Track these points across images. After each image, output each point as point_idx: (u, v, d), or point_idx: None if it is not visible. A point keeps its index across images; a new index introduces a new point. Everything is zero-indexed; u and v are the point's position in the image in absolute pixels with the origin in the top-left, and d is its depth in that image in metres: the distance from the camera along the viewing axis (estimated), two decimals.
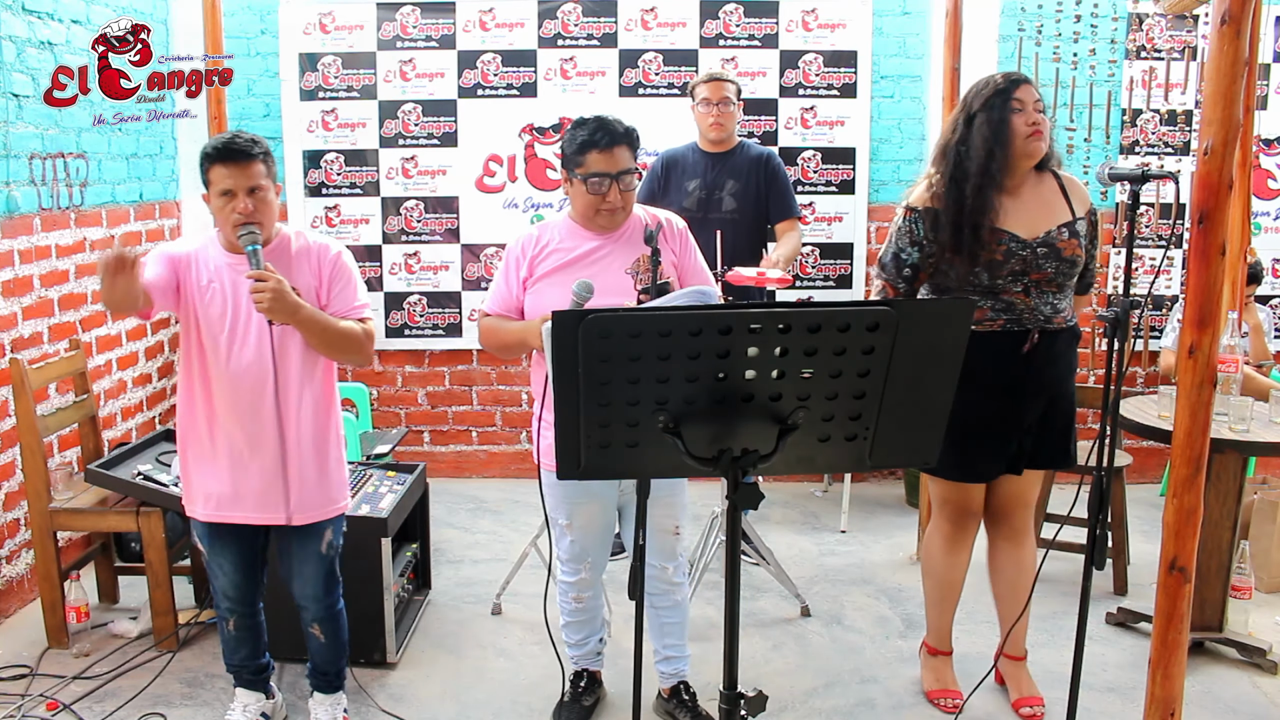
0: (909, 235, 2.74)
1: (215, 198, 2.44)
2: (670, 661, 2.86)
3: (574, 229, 2.63)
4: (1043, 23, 4.72)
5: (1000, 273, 2.66)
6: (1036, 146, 2.63)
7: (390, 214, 4.95)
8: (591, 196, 2.55)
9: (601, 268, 2.57)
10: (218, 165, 2.41)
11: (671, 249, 2.65)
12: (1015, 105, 2.62)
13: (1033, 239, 2.65)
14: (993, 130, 2.62)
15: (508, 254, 2.68)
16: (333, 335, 2.49)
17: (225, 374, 2.50)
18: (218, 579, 2.68)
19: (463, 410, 5.13)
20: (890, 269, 2.79)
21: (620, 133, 2.55)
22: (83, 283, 3.97)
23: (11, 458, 3.51)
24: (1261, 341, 4.27)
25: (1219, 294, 2.22)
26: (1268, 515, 3.78)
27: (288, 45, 4.83)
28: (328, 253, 2.57)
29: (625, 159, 2.55)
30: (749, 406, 1.58)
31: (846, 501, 4.49)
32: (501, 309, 2.66)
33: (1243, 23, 2.12)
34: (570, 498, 2.67)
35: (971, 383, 2.71)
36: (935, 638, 3.05)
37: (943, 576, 2.96)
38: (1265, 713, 2.96)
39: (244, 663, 2.78)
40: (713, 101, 3.87)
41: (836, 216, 4.97)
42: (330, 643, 2.75)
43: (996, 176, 2.63)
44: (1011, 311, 2.68)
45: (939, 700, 2.98)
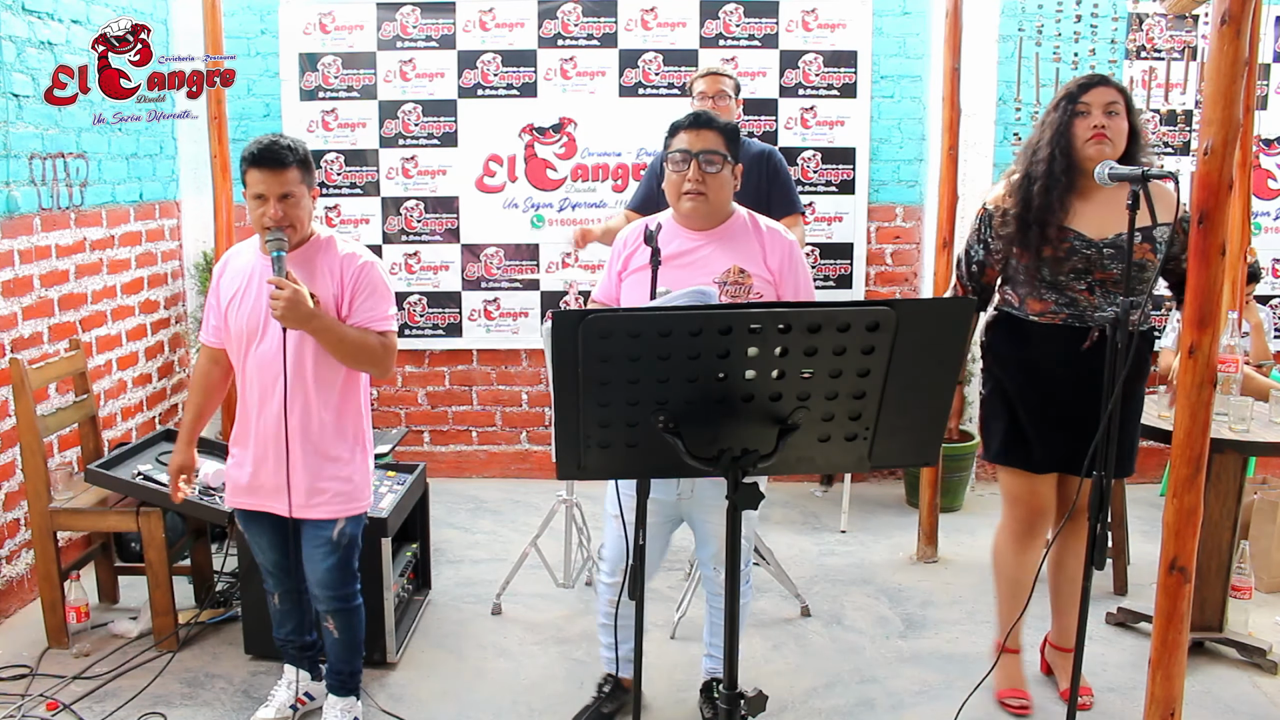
0: (977, 234, 2.84)
1: (249, 200, 2.49)
2: (713, 659, 2.89)
3: (675, 227, 2.61)
4: (1043, 23, 4.72)
5: (1062, 269, 2.68)
6: (1098, 150, 2.63)
7: (390, 214, 4.95)
8: (674, 175, 2.54)
9: (691, 271, 2.51)
10: (253, 169, 2.46)
11: (769, 264, 2.56)
12: (1080, 109, 2.66)
13: (1100, 239, 2.66)
14: (1056, 133, 2.68)
15: (613, 246, 2.72)
16: (348, 346, 2.52)
17: (247, 368, 2.59)
18: (258, 556, 2.78)
19: (463, 410, 5.13)
20: (961, 265, 2.91)
21: (710, 117, 2.56)
22: (83, 283, 3.97)
23: (11, 458, 3.51)
24: (1262, 341, 4.26)
25: (1219, 294, 2.22)
26: (1268, 515, 3.78)
27: (288, 45, 4.83)
28: (354, 262, 2.58)
29: (712, 141, 2.52)
30: (749, 406, 1.58)
31: (846, 501, 4.49)
32: (603, 298, 2.72)
33: (1243, 23, 2.12)
34: (626, 489, 2.63)
35: (1031, 373, 2.77)
36: (1009, 639, 2.97)
37: (1012, 575, 2.94)
38: (1265, 713, 2.96)
39: (290, 637, 2.84)
40: (708, 95, 3.86)
41: (836, 216, 4.97)
42: (344, 638, 2.76)
43: (1060, 178, 2.65)
44: (1074, 308, 2.71)
45: (1008, 700, 2.94)
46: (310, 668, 2.89)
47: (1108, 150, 2.63)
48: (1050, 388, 2.74)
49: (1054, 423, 2.76)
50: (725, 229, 2.59)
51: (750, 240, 2.59)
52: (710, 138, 2.53)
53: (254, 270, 2.56)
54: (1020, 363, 2.81)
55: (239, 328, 2.57)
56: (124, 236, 4.30)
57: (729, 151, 2.55)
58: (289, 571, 2.75)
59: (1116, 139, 2.66)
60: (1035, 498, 2.87)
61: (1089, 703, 2.91)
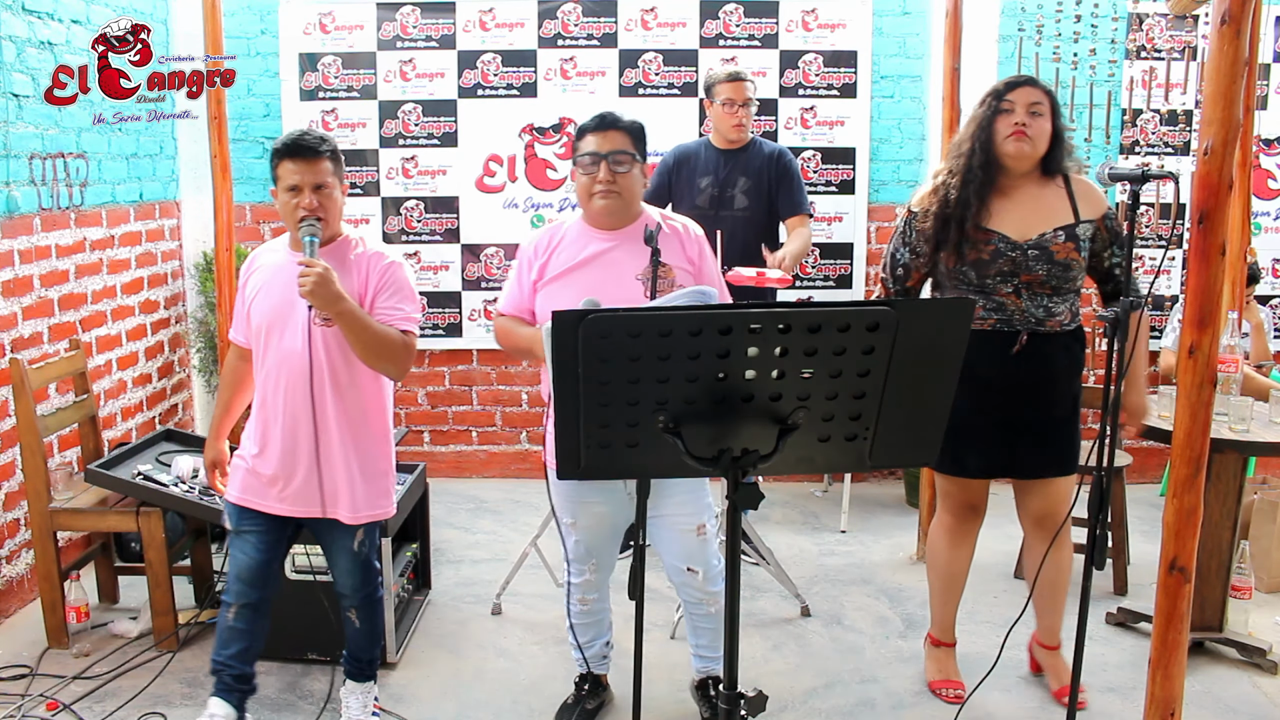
0: (902, 235, 2.85)
1: (282, 193, 2.49)
2: (703, 660, 2.89)
3: (584, 229, 2.63)
4: (1043, 23, 4.72)
5: (988, 271, 2.69)
6: (1016, 147, 2.66)
7: (390, 214, 4.95)
8: (585, 177, 2.56)
9: (611, 273, 2.54)
10: (286, 161, 2.47)
11: (689, 256, 2.62)
12: (1005, 106, 2.68)
13: (1024, 240, 2.68)
14: (978, 128, 2.70)
15: (520, 254, 2.69)
16: (370, 336, 2.47)
17: (268, 365, 2.57)
18: (235, 559, 2.65)
19: (463, 410, 5.13)
20: (886, 268, 2.90)
21: (615, 118, 2.57)
22: (83, 283, 3.97)
23: (11, 458, 3.51)
24: (1262, 341, 4.27)
25: (1219, 294, 2.22)
26: (1268, 515, 3.78)
27: (288, 45, 4.83)
28: (380, 260, 2.58)
29: (619, 141, 2.55)
30: (749, 406, 1.58)
31: (846, 501, 4.49)
32: (514, 310, 2.68)
33: (1243, 23, 2.12)
34: (575, 498, 2.66)
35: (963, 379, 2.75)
36: (939, 629, 3.08)
37: (945, 568, 3.00)
38: (1265, 713, 2.96)
39: (230, 661, 2.64)
40: (737, 103, 3.88)
41: (836, 216, 4.97)
42: (366, 628, 2.78)
43: (978, 173, 2.67)
44: (1002, 312, 2.71)
45: (941, 690, 3.00)
46: (238, 705, 2.66)
47: (1026, 149, 2.66)
48: (983, 394, 2.72)
49: (989, 428, 2.77)
50: (636, 227, 2.61)
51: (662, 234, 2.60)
52: (617, 138, 2.55)
53: (282, 266, 2.54)
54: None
55: (260, 321, 2.56)
56: (124, 236, 4.30)
57: (636, 150, 2.57)
58: (264, 581, 2.65)
59: (1038, 139, 2.67)
60: (967, 494, 2.90)
61: (1084, 701, 2.91)
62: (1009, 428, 2.77)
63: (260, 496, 2.62)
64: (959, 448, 2.77)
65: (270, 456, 2.59)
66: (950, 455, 2.80)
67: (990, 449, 2.80)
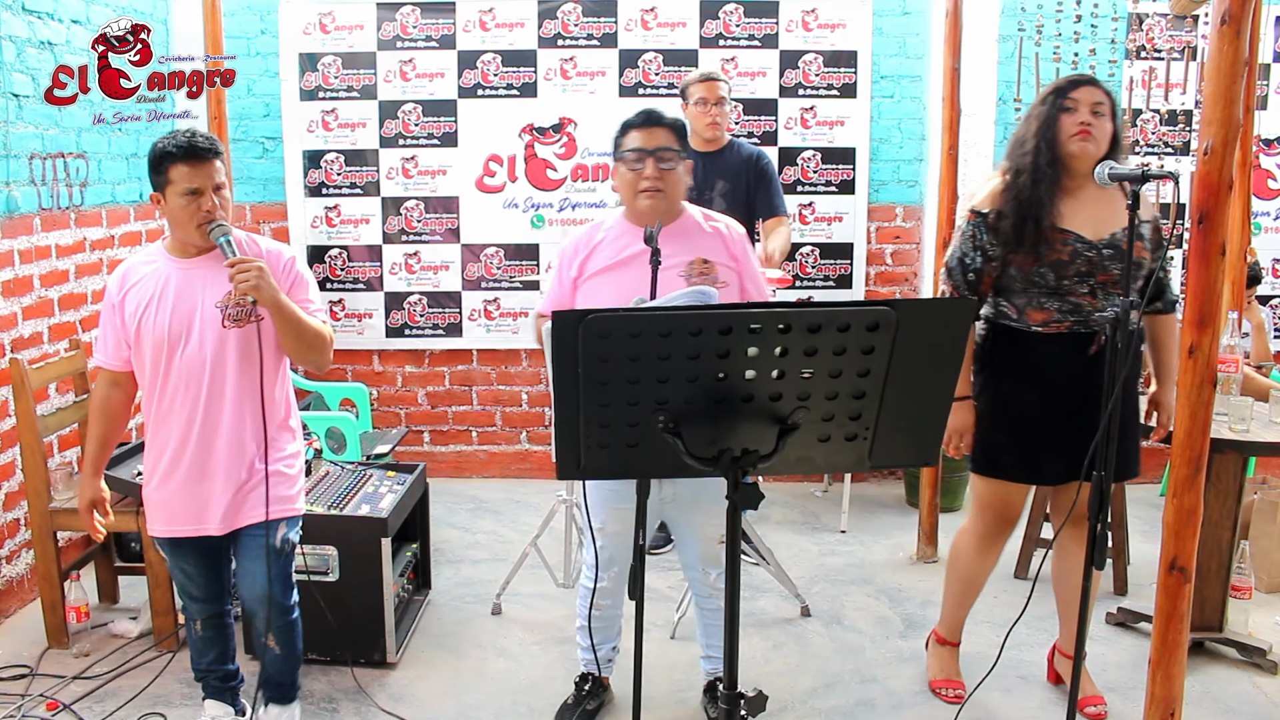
0: (972, 240, 2.75)
1: (178, 197, 2.40)
2: (711, 660, 2.90)
3: (626, 227, 2.61)
4: (1043, 23, 4.72)
5: (1066, 272, 2.65)
6: (1081, 147, 2.61)
7: (390, 214, 4.95)
8: (630, 173, 2.55)
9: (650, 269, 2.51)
10: (180, 164, 2.38)
11: (733, 254, 2.61)
12: (1068, 104, 2.64)
13: (1098, 240, 2.64)
14: (1042, 125, 2.66)
15: (561, 253, 2.68)
16: (303, 327, 2.45)
17: (171, 380, 2.46)
18: (181, 584, 2.63)
19: (463, 410, 5.12)
20: (956, 274, 2.80)
21: (660, 115, 2.57)
22: (83, 283, 3.97)
23: (11, 458, 3.51)
24: (1262, 342, 4.27)
25: (1219, 294, 2.22)
26: (1268, 515, 3.78)
27: (288, 45, 4.83)
28: (280, 257, 2.54)
29: (665, 138, 2.54)
30: (749, 406, 1.58)
31: (846, 501, 4.48)
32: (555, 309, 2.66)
33: (1243, 23, 2.12)
34: (608, 501, 2.66)
35: (1038, 384, 2.72)
36: (947, 629, 3.06)
37: (967, 574, 2.97)
38: (1265, 713, 2.96)
39: (212, 667, 2.69)
40: (710, 101, 3.86)
41: (836, 216, 4.97)
42: (285, 653, 2.64)
43: (1047, 171, 2.63)
44: (1079, 313, 2.67)
45: (941, 690, 3.00)
46: (232, 701, 2.74)
47: (1091, 148, 2.62)
48: (1058, 397, 2.70)
49: (1063, 432, 2.72)
50: (679, 225, 2.60)
51: (704, 232, 2.61)
52: (663, 135, 2.55)
53: (166, 276, 2.46)
54: (1024, 376, 2.75)
55: (158, 336, 2.43)
56: (124, 236, 4.29)
57: (682, 147, 2.57)
58: (218, 595, 2.63)
59: (1100, 139, 2.64)
60: (1008, 508, 2.87)
61: (1103, 713, 2.89)
62: (1082, 430, 2.66)
63: (182, 523, 2.52)
64: (1032, 454, 2.74)
65: (181, 478, 2.49)
66: (1023, 463, 2.76)
67: (1065, 453, 2.71)
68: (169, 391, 2.47)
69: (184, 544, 2.55)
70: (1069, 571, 2.90)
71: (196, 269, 2.47)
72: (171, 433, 2.49)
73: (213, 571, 2.62)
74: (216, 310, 2.44)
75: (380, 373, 5.05)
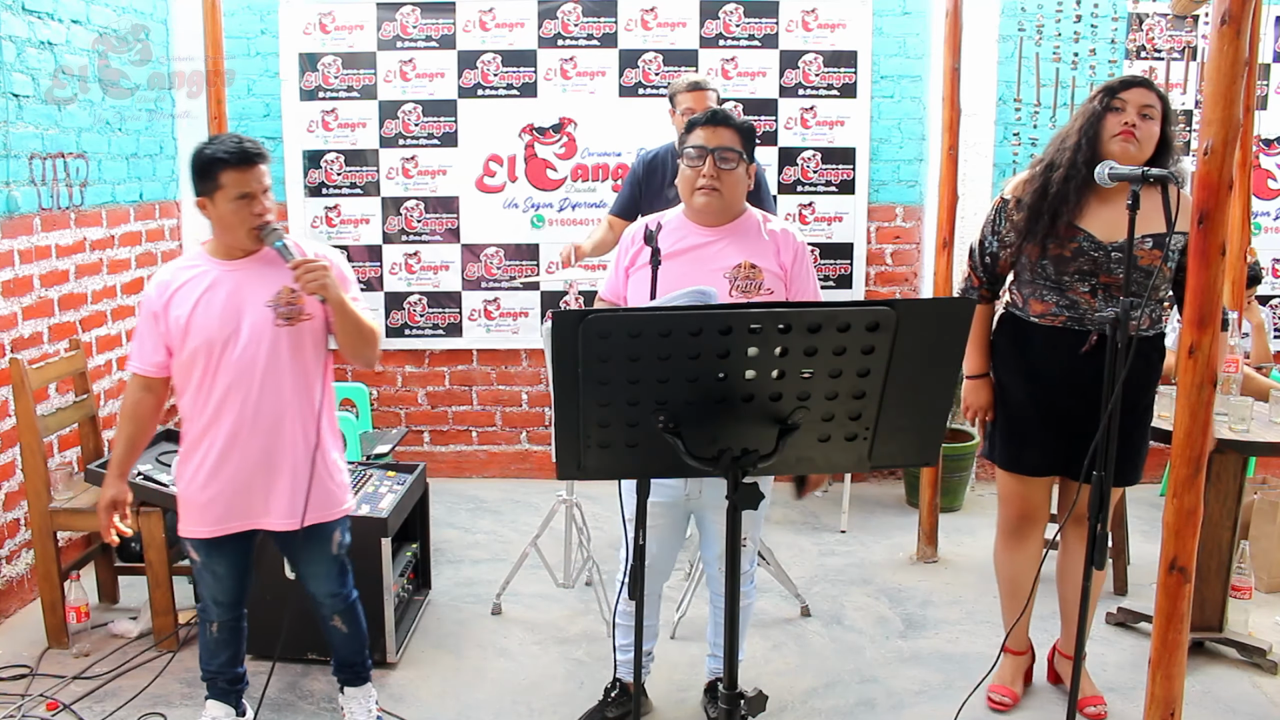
0: (993, 224, 2.81)
1: (229, 202, 2.42)
2: (717, 659, 2.89)
3: (684, 221, 2.61)
4: (1043, 22, 4.72)
5: (1066, 269, 2.65)
6: (1123, 148, 2.59)
7: (390, 214, 4.95)
8: (689, 171, 2.54)
9: (699, 266, 2.50)
10: (231, 170, 2.40)
11: (781, 262, 2.57)
12: (1116, 104, 2.62)
13: (1109, 243, 2.63)
14: (1087, 122, 2.64)
15: (620, 240, 2.70)
16: (363, 325, 2.53)
17: (217, 383, 2.47)
18: (208, 585, 2.63)
19: (463, 410, 5.13)
20: (975, 255, 2.87)
21: (727, 115, 2.56)
22: (82, 283, 3.97)
23: (11, 458, 3.51)
24: (1262, 342, 4.27)
25: (1219, 294, 2.22)
26: (1268, 515, 3.78)
27: (288, 45, 4.83)
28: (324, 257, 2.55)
29: (728, 139, 2.53)
30: (749, 406, 1.58)
31: (846, 501, 4.48)
32: (610, 295, 2.70)
33: (1243, 23, 2.11)
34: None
35: (1029, 376, 2.74)
36: (1010, 638, 2.98)
37: (1005, 574, 2.96)
38: (1265, 713, 2.96)
39: (222, 669, 2.72)
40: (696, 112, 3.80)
41: (836, 216, 4.97)
42: (352, 633, 2.76)
43: (1082, 169, 2.60)
44: (1075, 310, 2.68)
45: (992, 695, 2.96)
46: (235, 703, 2.76)
47: (1133, 150, 2.59)
48: (1050, 391, 2.73)
49: (1052, 427, 2.74)
50: (736, 226, 2.59)
51: (760, 237, 2.59)
52: (726, 135, 2.53)
53: (213, 279, 2.47)
54: (1021, 365, 2.80)
55: (207, 337, 2.44)
56: (124, 236, 4.30)
57: (744, 149, 2.56)
58: (240, 600, 2.67)
59: (1145, 142, 2.61)
60: (1026, 501, 2.87)
61: (1103, 713, 2.89)
62: (1069, 427, 2.71)
63: (227, 523, 2.54)
64: (1019, 444, 2.78)
65: (231, 477, 2.51)
66: (1012, 451, 2.80)
67: (1052, 448, 2.76)
68: (218, 391, 2.48)
69: (224, 545, 2.57)
70: (1070, 571, 2.91)
71: (243, 270, 2.49)
72: (221, 431, 2.49)
73: (241, 575, 2.66)
74: (268, 310, 2.47)
75: (380, 373, 5.05)
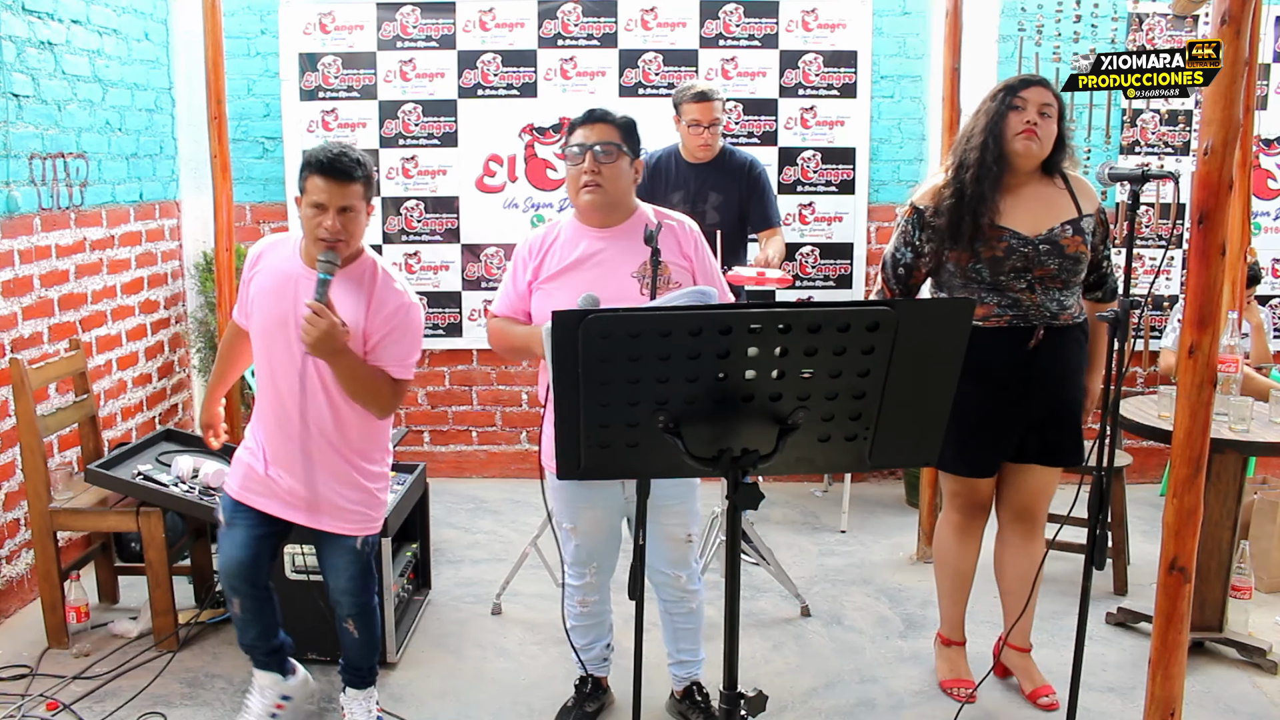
0: (904, 235, 2.84)
1: (306, 207, 2.44)
2: (684, 665, 2.87)
3: (578, 228, 2.61)
4: (1043, 23, 4.72)
5: (1002, 269, 2.70)
6: (1026, 145, 2.67)
7: (390, 214, 4.95)
8: (572, 170, 2.54)
9: (605, 271, 2.53)
10: (316, 176, 2.40)
11: (685, 253, 2.61)
12: (1016, 103, 2.69)
13: (1035, 236, 2.69)
14: (990, 121, 2.71)
15: (515, 255, 2.67)
16: (359, 384, 2.47)
17: (266, 369, 2.57)
18: (224, 552, 2.66)
19: (463, 410, 5.13)
20: (887, 269, 2.89)
21: (604, 112, 2.56)
22: (83, 283, 3.97)
23: (11, 458, 3.51)
24: (1262, 342, 4.27)
25: (1219, 294, 2.22)
26: (1268, 515, 3.78)
27: (288, 45, 4.83)
28: (399, 299, 2.54)
29: (607, 134, 2.53)
30: (749, 406, 1.58)
31: (846, 501, 4.48)
32: (509, 311, 2.66)
33: (1243, 23, 2.12)
34: (573, 501, 2.66)
35: (977, 378, 2.72)
36: (949, 628, 3.07)
37: (954, 566, 2.99)
38: (1265, 713, 2.96)
39: (255, 642, 2.72)
40: (703, 124, 3.79)
41: (836, 216, 4.97)
42: (363, 638, 2.76)
43: (992, 168, 2.68)
44: (1018, 308, 2.72)
45: (952, 690, 3.00)
46: (280, 669, 2.79)
47: (1034, 148, 2.68)
48: (1001, 389, 2.75)
49: (1003, 422, 2.79)
50: (630, 225, 2.59)
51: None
52: (605, 130, 2.54)
53: (291, 274, 2.51)
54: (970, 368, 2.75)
55: (262, 325, 2.54)
56: (124, 236, 4.30)
57: (626, 144, 2.55)
58: (254, 578, 2.66)
59: (1045, 140, 2.69)
60: (976, 494, 2.91)
61: (1055, 702, 2.90)
62: (1020, 421, 2.78)
63: (256, 494, 2.62)
64: (972, 448, 2.79)
65: (267, 455, 2.60)
66: (963, 456, 2.81)
67: (1003, 445, 2.82)
68: (264, 378, 2.59)
69: (250, 515, 2.62)
70: (1010, 562, 2.95)
71: (311, 278, 2.45)
72: (264, 412, 2.61)
73: (256, 554, 2.64)
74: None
75: None
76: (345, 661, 2.82)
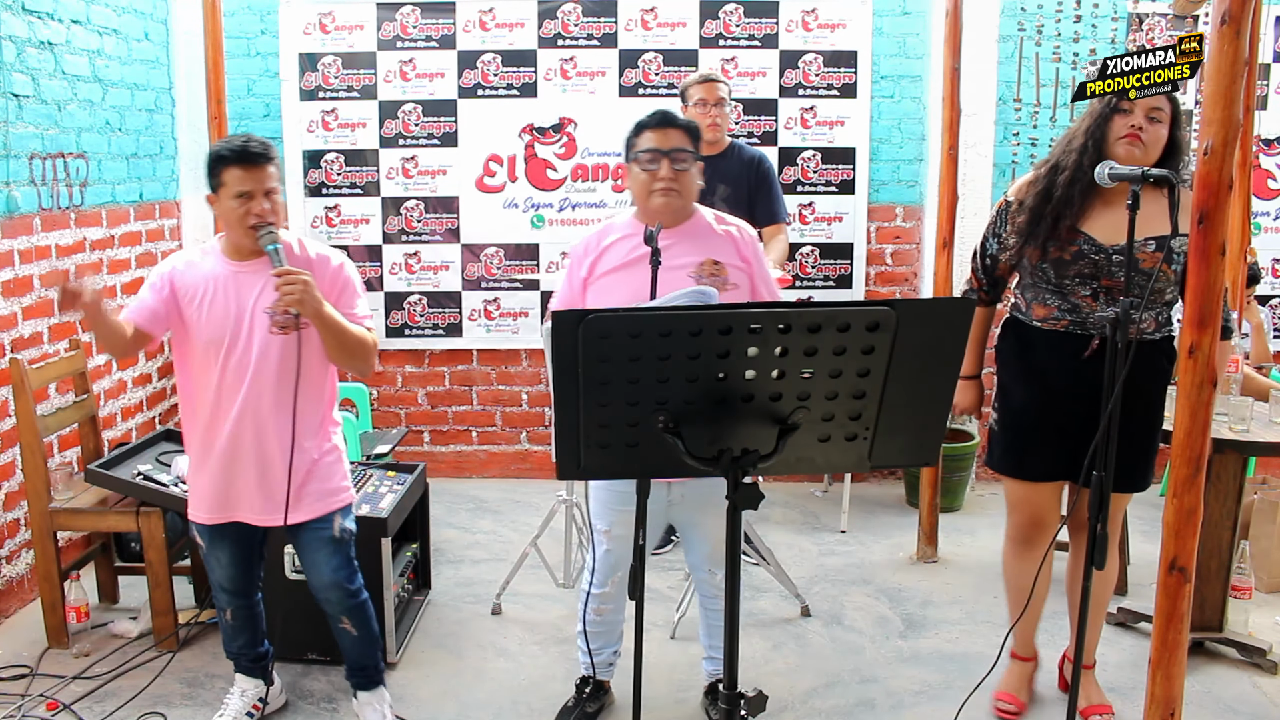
0: (992, 226, 2.80)
1: (229, 200, 2.46)
2: (714, 661, 2.90)
3: (637, 227, 2.59)
4: (1043, 23, 4.72)
5: (1067, 272, 2.62)
6: (1128, 151, 2.54)
7: (390, 214, 4.95)
8: (644, 175, 2.54)
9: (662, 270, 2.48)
10: (233, 168, 2.43)
11: (744, 256, 2.61)
12: (1124, 106, 2.57)
13: (1111, 245, 2.59)
14: (1094, 123, 2.61)
15: (571, 253, 2.69)
16: (346, 337, 2.50)
17: (222, 380, 2.53)
18: (214, 572, 2.74)
19: (463, 410, 5.12)
20: (976, 258, 2.87)
21: (674, 116, 2.59)
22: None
23: (11, 458, 3.51)
24: (1262, 342, 4.27)
25: (1219, 294, 2.22)
26: (1268, 515, 3.78)
27: (288, 45, 4.83)
28: (329, 263, 2.59)
29: (679, 139, 2.54)
30: (749, 406, 1.58)
31: (846, 501, 4.48)
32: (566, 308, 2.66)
33: (1243, 23, 2.11)
34: (612, 503, 2.66)
35: (1033, 380, 2.72)
36: (1015, 642, 2.97)
37: (1014, 582, 2.92)
38: (1265, 713, 2.96)
39: (242, 650, 2.83)
40: (709, 102, 3.85)
41: (836, 216, 4.97)
42: (361, 634, 2.75)
43: (1087, 171, 2.55)
44: (1077, 314, 2.65)
45: (998, 703, 2.94)
46: (263, 675, 2.87)
47: (1138, 154, 2.54)
48: (1053, 396, 2.69)
49: (1057, 432, 2.71)
50: (690, 226, 2.61)
51: (715, 234, 2.61)
52: (677, 136, 2.55)
53: (223, 275, 2.52)
54: (1024, 369, 2.77)
55: (210, 335, 2.51)
56: (124, 236, 4.29)
57: (694, 149, 2.58)
58: (246, 589, 2.76)
59: (1151, 145, 2.56)
60: (1032, 507, 2.83)
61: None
62: (1073, 432, 2.66)
63: (222, 510, 2.62)
64: (1023, 450, 2.75)
65: (224, 470, 2.58)
66: (1014, 456, 2.78)
67: (1053, 452, 2.72)
68: (212, 389, 2.54)
69: (225, 533, 2.65)
70: (1075, 579, 2.90)
71: (248, 272, 2.51)
72: (216, 426, 2.56)
73: (245, 565, 2.73)
74: (265, 315, 2.49)
75: (380, 373, 5.05)
76: (349, 664, 2.81)
